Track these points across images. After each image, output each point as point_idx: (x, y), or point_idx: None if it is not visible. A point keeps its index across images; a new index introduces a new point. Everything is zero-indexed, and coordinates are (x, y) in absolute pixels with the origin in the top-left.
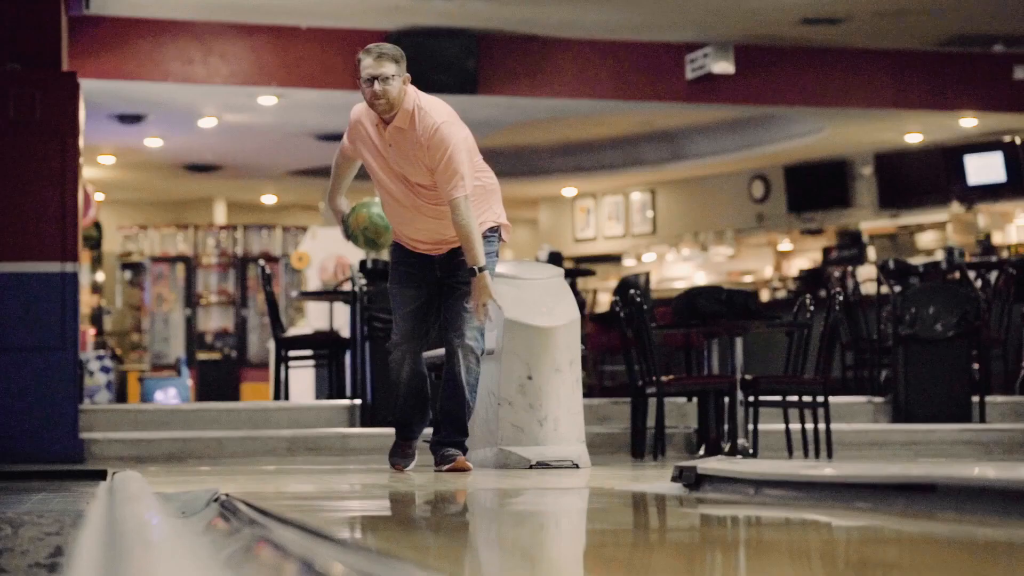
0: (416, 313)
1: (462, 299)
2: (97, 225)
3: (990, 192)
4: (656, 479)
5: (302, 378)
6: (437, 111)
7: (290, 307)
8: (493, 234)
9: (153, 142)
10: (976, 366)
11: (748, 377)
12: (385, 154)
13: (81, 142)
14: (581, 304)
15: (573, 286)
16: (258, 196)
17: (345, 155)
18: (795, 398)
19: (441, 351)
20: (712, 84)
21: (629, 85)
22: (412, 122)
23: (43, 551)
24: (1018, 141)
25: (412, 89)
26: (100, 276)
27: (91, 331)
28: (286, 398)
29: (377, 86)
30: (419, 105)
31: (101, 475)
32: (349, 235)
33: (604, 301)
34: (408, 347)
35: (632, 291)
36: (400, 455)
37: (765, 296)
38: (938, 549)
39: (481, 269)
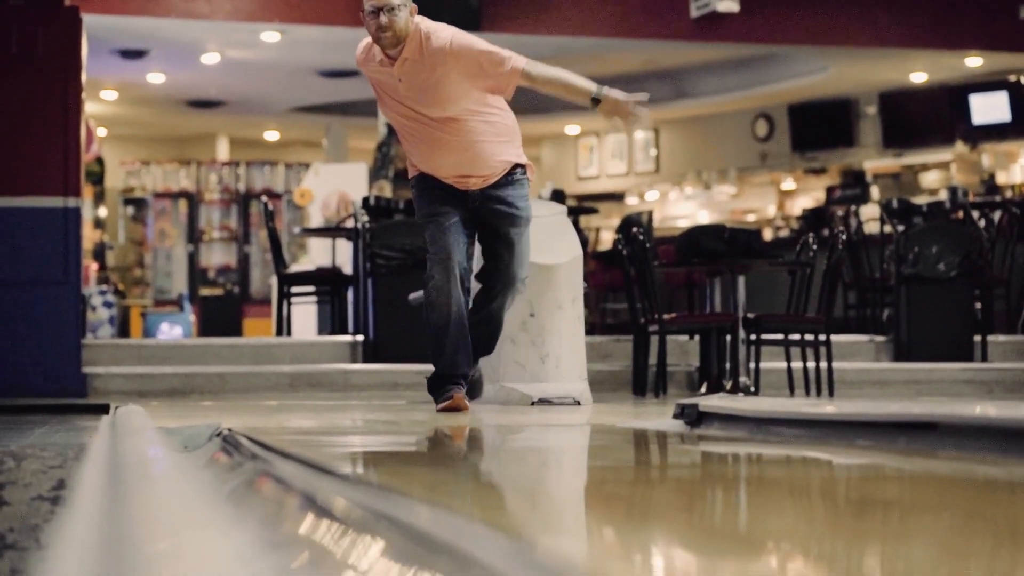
0: (456, 227)
1: (503, 238)
2: (100, 160)
3: (995, 131)
4: (657, 416)
5: (304, 314)
6: (445, 29)
7: (292, 243)
8: (524, 174)
9: (155, 77)
10: (978, 305)
11: (750, 315)
12: (395, 94)
13: (83, 77)
14: (583, 242)
15: (576, 224)
16: (261, 132)
17: None
18: (797, 337)
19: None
20: (716, 22)
21: (633, 23)
22: (421, 50)
23: (46, 484)
24: (1023, 80)
25: (419, 18)
26: (103, 211)
27: (94, 266)
28: (288, 334)
29: (383, 17)
30: (425, 32)
31: (104, 409)
32: None
33: (607, 239)
34: (450, 265)
35: (635, 229)
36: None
37: (768, 235)
38: (939, 487)
39: (599, 92)
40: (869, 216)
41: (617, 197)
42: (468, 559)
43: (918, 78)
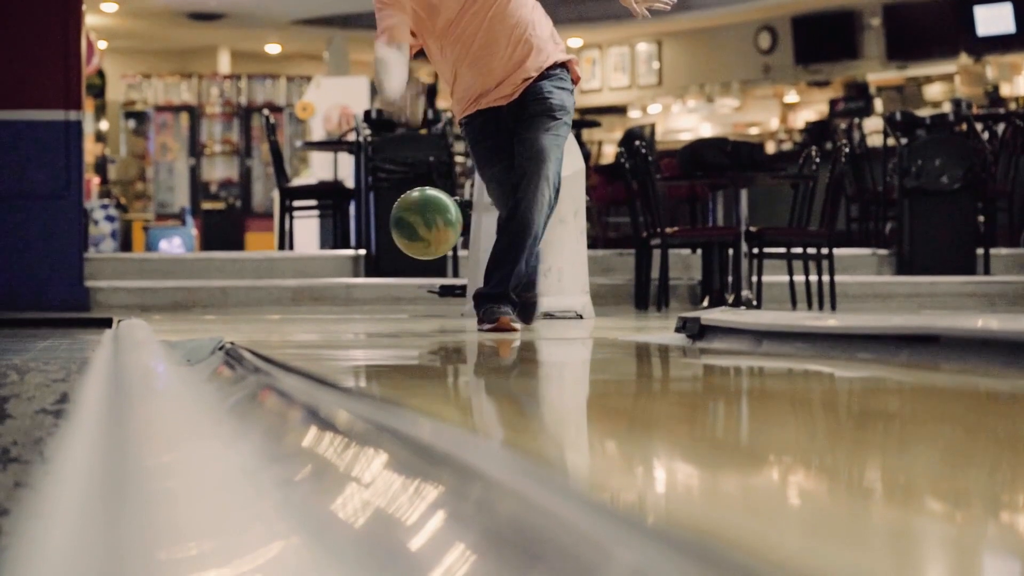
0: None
1: (535, 127)
2: (100, 73)
3: (999, 43)
4: (660, 330)
5: (307, 228)
6: None
7: (294, 157)
8: (563, 71)
9: None
10: (981, 218)
11: (752, 229)
12: None
13: None
14: (586, 155)
15: (578, 137)
16: (262, 45)
17: (398, 55)
18: (799, 250)
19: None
20: None
21: None
22: None
23: (49, 397)
24: None
25: None
26: (104, 125)
27: (95, 180)
28: (290, 248)
29: None
30: None
31: (107, 323)
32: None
33: (609, 153)
34: None
35: (637, 143)
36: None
37: (771, 148)
38: (940, 399)
39: None
40: (872, 129)
41: (619, 110)
42: (470, 471)
43: None
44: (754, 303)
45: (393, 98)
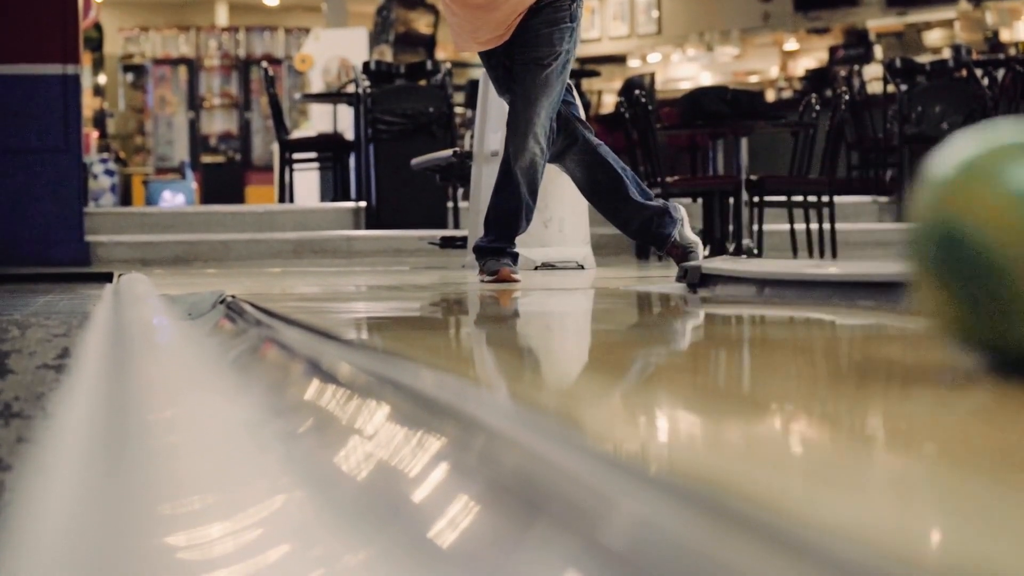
0: None
1: (524, 79)
2: (98, 26)
3: None
4: (661, 280)
5: (307, 180)
6: None
7: (294, 109)
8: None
9: None
10: None
11: (753, 177)
12: None
13: None
14: (586, 105)
15: (578, 87)
16: None
17: None
18: (800, 198)
19: (438, 154)
20: None
21: None
22: None
23: (50, 352)
24: None
25: None
26: (102, 79)
27: (94, 134)
28: (291, 201)
29: None
30: None
31: (107, 277)
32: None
33: (609, 102)
34: None
35: (637, 92)
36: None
37: (771, 96)
38: (942, 346)
39: None
40: (872, 76)
41: (619, 60)
42: (473, 422)
43: None
44: (755, 251)
45: None
